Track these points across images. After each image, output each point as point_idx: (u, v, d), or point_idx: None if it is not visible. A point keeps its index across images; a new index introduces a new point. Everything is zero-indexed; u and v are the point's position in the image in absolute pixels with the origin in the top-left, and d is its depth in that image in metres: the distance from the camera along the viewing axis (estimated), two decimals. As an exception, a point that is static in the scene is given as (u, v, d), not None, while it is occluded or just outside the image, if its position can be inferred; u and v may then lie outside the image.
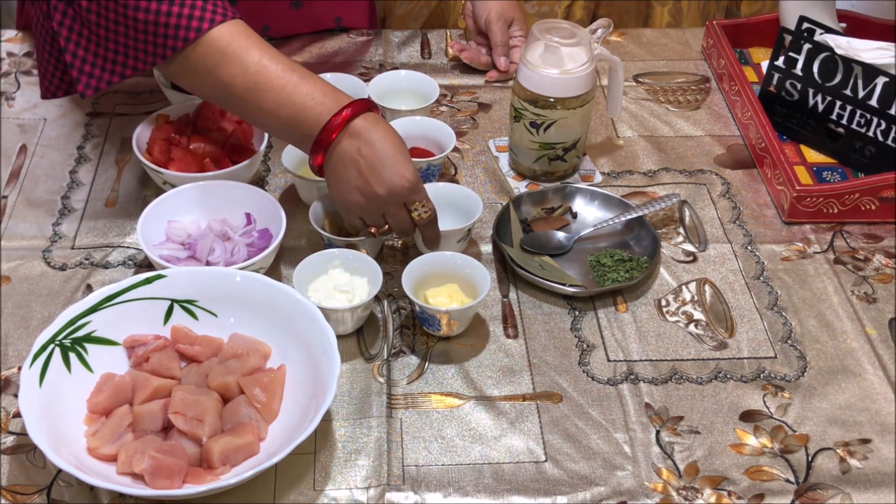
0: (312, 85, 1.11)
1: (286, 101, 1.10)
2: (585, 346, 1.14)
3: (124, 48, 1.12)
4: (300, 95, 1.10)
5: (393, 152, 1.10)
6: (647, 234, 1.26)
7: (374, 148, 1.10)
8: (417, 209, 1.13)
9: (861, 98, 1.33)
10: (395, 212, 1.13)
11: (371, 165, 1.10)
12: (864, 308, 1.20)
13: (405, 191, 1.11)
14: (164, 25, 1.09)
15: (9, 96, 1.50)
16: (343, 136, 1.10)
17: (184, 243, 1.20)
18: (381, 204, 1.12)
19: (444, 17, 1.93)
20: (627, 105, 1.52)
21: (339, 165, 1.11)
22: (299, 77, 1.11)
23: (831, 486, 1.00)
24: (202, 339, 1.08)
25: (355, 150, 1.10)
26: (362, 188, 1.11)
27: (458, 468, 1.01)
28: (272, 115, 1.12)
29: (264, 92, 1.10)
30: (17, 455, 1.01)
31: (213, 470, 0.96)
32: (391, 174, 1.10)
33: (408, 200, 1.12)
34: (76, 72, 1.14)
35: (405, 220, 1.14)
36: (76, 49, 1.13)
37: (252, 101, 1.11)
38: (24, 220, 1.28)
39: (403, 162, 1.11)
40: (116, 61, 1.13)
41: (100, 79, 1.14)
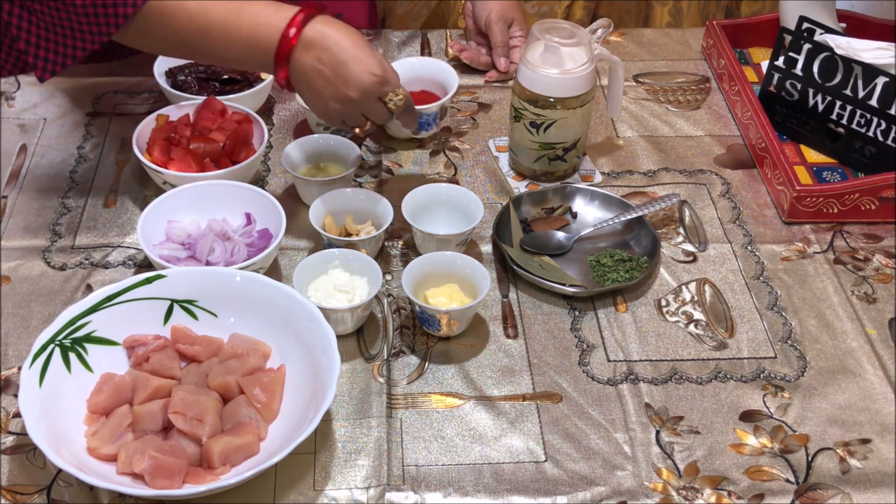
0: (254, 7, 1.11)
1: (234, 33, 1.11)
2: (585, 346, 1.14)
3: (72, 31, 1.13)
4: (246, 23, 1.11)
5: (354, 51, 1.11)
6: (647, 234, 1.26)
7: (332, 52, 1.10)
8: (392, 99, 1.15)
9: (861, 98, 1.33)
10: (371, 108, 1.15)
11: (335, 71, 1.11)
12: (864, 308, 1.20)
13: (376, 85, 1.12)
14: (102, 5, 1.10)
15: (9, 96, 1.50)
16: (299, 50, 1.11)
17: (184, 243, 1.20)
18: (356, 105, 1.14)
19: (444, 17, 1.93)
20: (627, 105, 1.52)
21: (306, 80, 1.13)
22: (239, 4, 1.11)
23: (831, 486, 1.00)
24: (202, 339, 1.08)
25: (316, 60, 1.11)
26: (335, 95, 1.13)
27: (458, 468, 1.01)
28: (227, 50, 1.13)
29: (212, 31, 1.12)
30: (17, 455, 1.01)
31: (213, 470, 0.96)
32: (359, 74, 1.11)
33: (381, 93, 1.14)
34: (31, 58, 1.16)
35: (383, 111, 1.16)
36: (28, 37, 1.14)
37: (205, 44, 1.13)
38: (24, 220, 1.28)
39: (366, 57, 1.11)
40: (67, 44, 1.14)
41: (55, 62, 1.15)
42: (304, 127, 1.44)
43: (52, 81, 1.52)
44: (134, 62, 1.53)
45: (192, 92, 1.41)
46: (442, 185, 1.28)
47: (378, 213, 1.23)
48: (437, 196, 1.26)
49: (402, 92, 1.16)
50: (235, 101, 1.36)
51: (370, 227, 1.22)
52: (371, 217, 1.23)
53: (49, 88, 1.51)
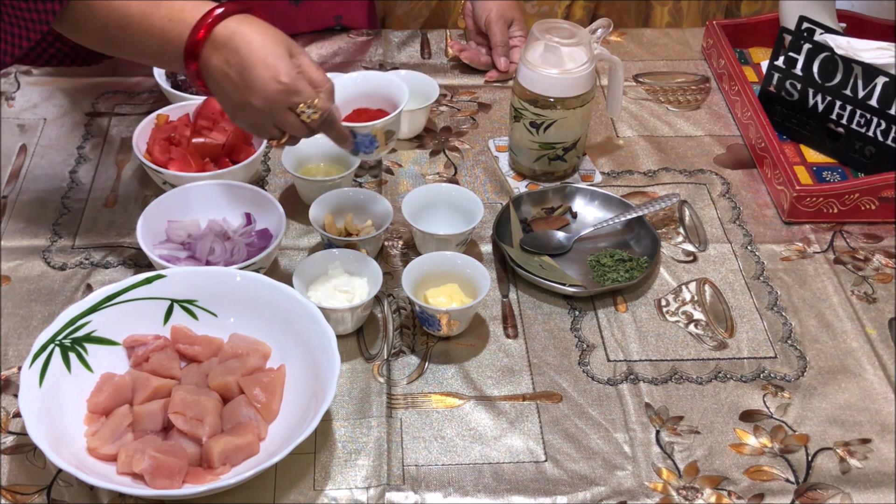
0: (171, 4, 1.03)
1: (148, 27, 1.03)
2: (585, 346, 1.14)
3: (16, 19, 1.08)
4: (159, 18, 1.02)
5: (261, 53, 1.00)
6: (647, 234, 1.26)
7: (240, 55, 1.00)
8: (304, 111, 1.02)
9: (861, 98, 1.33)
10: (282, 119, 1.03)
11: (241, 75, 1.00)
12: (864, 308, 1.20)
13: (282, 94, 1.00)
14: None
15: (9, 96, 1.50)
16: (208, 50, 1.01)
17: (184, 243, 1.20)
18: (264, 115, 1.03)
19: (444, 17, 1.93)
20: (627, 105, 1.52)
21: (215, 82, 1.03)
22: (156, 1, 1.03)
23: (831, 486, 1.00)
24: (202, 339, 1.08)
25: (224, 63, 1.01)
26: (241, 102, 1.02)
27: (458, 468, 1.01)
28: (144, 45, 1.05)
29: (131, 25, 1.04)
30: (17, 455, 1.01)
31: (213, 470, 0.96)
32: (263, 80, 1.00)
33: (289, 104, 1.02)
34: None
35: (296, 124, 1.03)
36: None
37: (125, 39, 1.05)
38: (24, 220, 1.28)
39: (274, 61, 1.00)
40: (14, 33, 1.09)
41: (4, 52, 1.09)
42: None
43: (52, 81, 1.52)
44: (134, 62, 1.52)
45: (192, 92, 1.41)
46: (442, 185, 1.29)
47: (378, 213, 1.23)
48: (437, 196, 1.26)
49: (319, 104, 1.02)
50: (235, 101, 1.36)
51: (370, 227, 1.22)
52: (371, 217, 1.23)
53: (49, 88, 1.51)
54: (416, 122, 1.41)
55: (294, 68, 1.01)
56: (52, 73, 1.54)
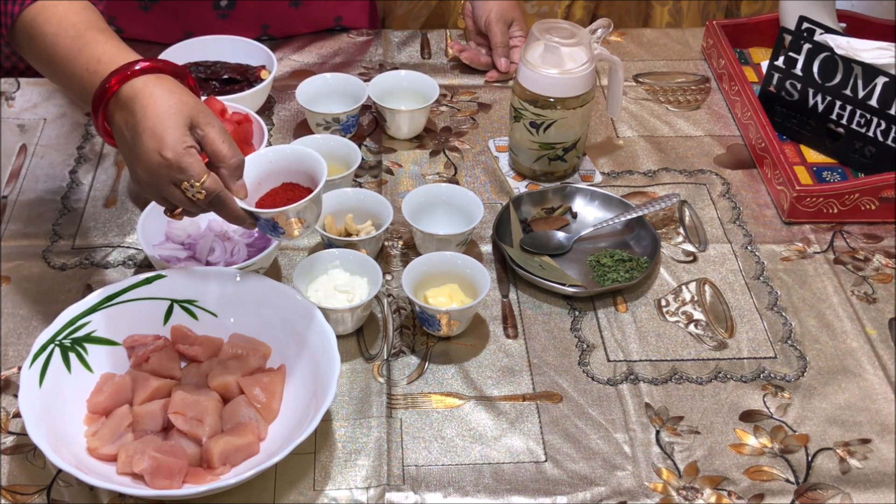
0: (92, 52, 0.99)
1: (69, 74, 1.00)
2: (585, 346, 1.14)
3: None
4: (80, 66, 0.99)
5: (152, 124, 0.95)
6: (647, 234, 1.26)
7: (136, 119, 0.95)
8: (188, 189, 0.96)
9: (861, 98, 1.33)
10: (168, 192, 0.98)
11: (133, 140, 0.96)
12: (864, 308, 1.20)
13: (164, 168, 0.95)
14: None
15: (9, 96, 1.50)
16: (112, 107, 0.98)
17: (184, 243, 1.20)
18: (148, 185, 0.99)
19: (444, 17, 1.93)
20: (627, 105, 1.52)
21: (118, 141, 1.00)
22: (83, 44, 1.00)
23: (831, 486, 1.00)
24: (202, 339, 1.08)
25: (123, 123, 0.97)
26: (130, 167, 0.99)
27: (458, 468, 1.01)
28: (69, 87, 1.03)
29: (57, 65, 1.01)
30: (17, 455, 1.01)
31: (213, 470, 0.96)
32: (147, 151, 0.95)
33: (173, 179, 0.97)
34: None
35: (183, 200, 0.98)
36: None
37: (54, 76, 1.04)
38: (24, 220, 1.28)
39: (162, 134, 0.94)
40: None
41: None
42: (304, 127, 1.44)
43: (51, 81, 1.52)
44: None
45: (192, 92, 1.40)
46: (442, 185, 1.28)
47: (378, 213, 1.23)
48: (437, 196, 1.26)
49: (207, 184, 0.96)
50: (235, 101, 1.36)
51: (370, 227, 1.22)
52: (371, 217, 1.23)
53: (49, 88, 1.51)
54: (416, 123, 1.41)
55: (183, 143, 0.95)
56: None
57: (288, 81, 1.53)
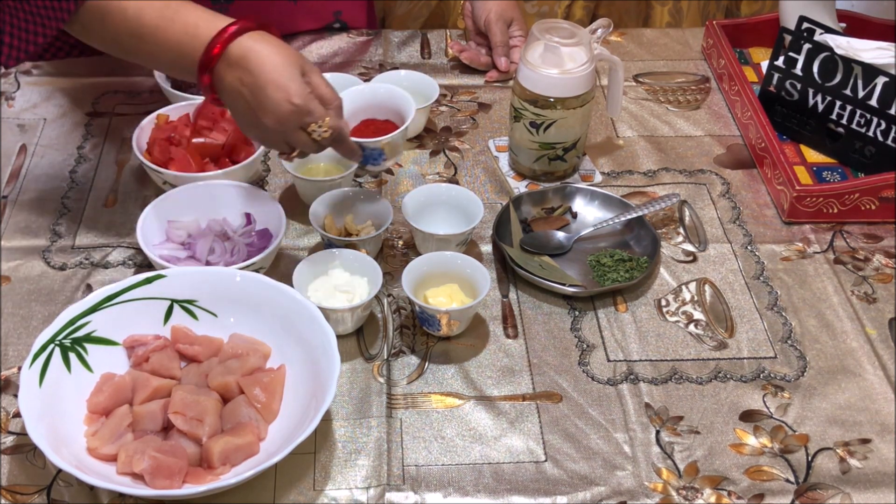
0: (187, 17, 1.06)
1: (163, 39, 1.07)
2: (585, 346, 1.14)
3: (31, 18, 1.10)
4: (175, 33, 1.06)
5: (273, 74, 1.03)
6: (647, 234, 1.26)
7: (254, 75, 1.03)
8: (315, 130, 1.07)
9: (861, 98, 1.33)
10: (294, 137, 1.08)
11: (254, 94, 1.04)
12: (864, 308, 1.20)
13: (294, 115, 1.05)
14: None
15: (9, 96, 1.50)
16: (222, 67, 1.05)
17: (184, 243, 1.20)
18: (276, 133, 1.07)
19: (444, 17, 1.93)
20: (627, 105, 1.52)
21: (228, 99, 1.07)
22: (173, 12, 1.06)
23: (831, 486, 1.00)
24: (202, 339, 1.08)
25: (237, 81, 1.05)
26: (253, 120, 1.07)
27: (458, 468, 1.01)
28: (158, 56, 1.09)
29: (145, 35, 1.07)
30: (17, 455, 1.01)
31: (213, 470, 0.96)
32: (276, 101, 1.04)
33: (301, 124, 1.06)
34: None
35: (307, 141, 1.09)
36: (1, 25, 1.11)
37: (138, 48, 1.09)
38: (24, 220, 1.28)
39: (287, 83, 1.03)
40: (29, 30, 1.11)
41: (19, 49, 1.12)
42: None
43: (52, 81, 1.52)
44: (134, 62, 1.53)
45: (192, 92, 1.41)
46: (442, 185, 1.28)
47: (378, 213, 1.23)
48: (437, 196, 1.26)
49: (330, 123, 1.07)
50: (235, 101, 1.36)
51: (370, 227, 1.22)
52: (371, 217, 1.23)
53: (49, 88, 1.51)
54: (416, 122, 1.41)
55: (305, 88, 1.05)
56: (52, 73, 1.54)
57: (288, 81, 1.52)
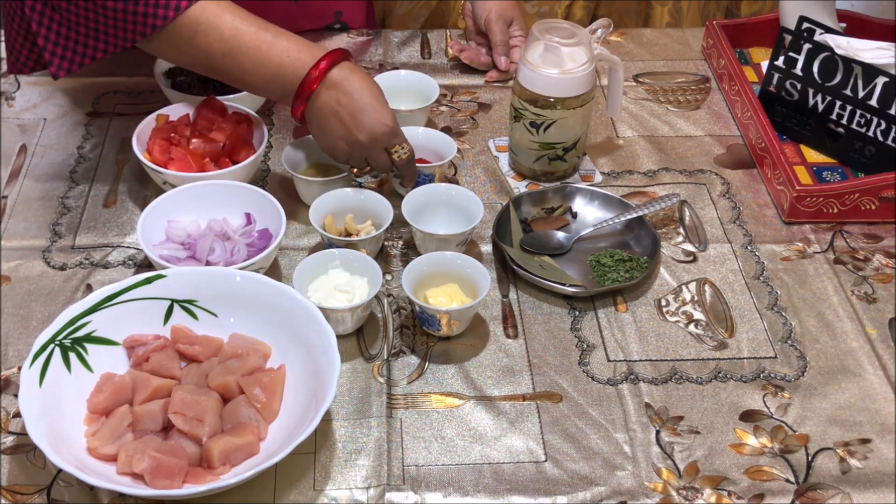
0: (286, 42, 1.18)
1: (263, 60, 1.17)
2: (585, 346, 1.14)
3: (95, 32, 1.15)
4: (276, 54, 1.17)
5: (371, 100, 1.18)
6: (647, 234, 1.26)
7: (352, 98, 1.17)
8: (398, 151, 1.21)
9: (861, 98, 1.33)
10: (376, 155, 1.21)
11: (351, 115, 1.17)
12: (864, 308, 1.20)
13: (385, 136, 1.19)
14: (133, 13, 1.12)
15: (9, 96, 1.50)
16: (322, 89, 1.17)
17: (184, 243, 1.20)
18: (363, 149, 1.20)
19: (444, 17, 1.93)
20: (627, 105, 1.52)
21: (322, 117, 1.19)
22: (273, 35, 1.18)
23: (831, 486, 1.00)
24: (202, 339, 1.08)
25: (335, 102, 1.17)
26: (346, 137, 1.19)
27: (458, 468, 1.01)
28: (252, 75, 1.19)
29: (242, 55, 1.17)
30: (17, 455, 1.01)
31: (213, 470, 0.96)
32: (371, 121, 1.18)
33: (388, 144, 1.20)
34: (48, 55, 1.18)
35: (386, 161, 1.22)
36: (48, 33, 1.17)
37: (231, 65, 1.19)
38: (24, 220, 1.28)
39: (381, 108, 1.18)
40: (88, 45, 1.17)
41: (72, 61, 1.18)
42: (305, 127, 1.44)
43: (52, 81, 1.52)
44: (134, 62, 1.53)
45: (192, 92, 1.41)
46: (442, 185, 1.28)
47: (378, 213, 1.23)
48: (437, 196, 1.26)
49: (408, 146, 1.22)
50: (235, 101, 1.36)
51: (370, 227, 1.22)
52: (371, 217, 1.23)
53: (49, 88, 1.51)
54: (415, 122, 1.41)
55: (394, 116, 1.20)
56: (52, 73, 1.54)
57: (288, 81, 1.53)
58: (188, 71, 1.45)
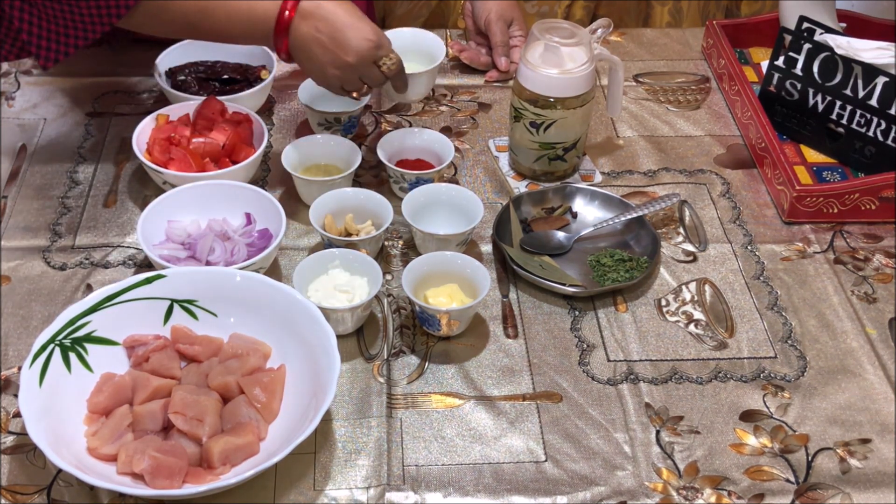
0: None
1: (234, 10, 1.19)
2: (585, 346, 1.14)
3: (73, 22, 1.17)
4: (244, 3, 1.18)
5: (349, 19, 1.18)
6: (647, 234, 1.26)
7: (329, 22, 1.17)
8: (386, 63, 1.22)
9: (861, 98, 1.33)
10: (368, 71, 1.22)
11: (333, 38, 1.18)
12: (864, 308, 1.20)
13: (373, 50, 1.19)
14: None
15: (9, 96, 1.50)
16: (297, 21, 1.18)
17: (184, 243, 1.20)
18: (354, 69, 1.21)
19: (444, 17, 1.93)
20: (627, 105, 1.52)
21: (305, 49, 1.19)
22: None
23: (831, 486, 1.00)
24: (202, 339, 1.08)
25: (314, 30, 1.18)
26: (333, 61, 1.19)
27: (458, 468, 1.01)
28: (229, 27, 1.20)
29: (213, 9, 1.19)
30: (17, 455, 1.01)
31: (213, 470, 0.96)
32: (356, 40, 1.18)
33: (376, 58, 1.21)
34: (34, 48, 1.19)
35: (378, 75, 1.23)
36: (30, 27, 1.18)
37: (207, 23, 1.20)
38: (24, 221, 1.28)
39: (362, 24, 1.18)
40: (69, 34, 1.18)
41: (57, 51, 1.20)
42: (305, 126, 1.44)
43: (52, 81, 1.52)
44: (134, 62, 1.53)
45: (192, 92, 1.41)
46: (442, 185, 1.28)
47: (378, 213, 1.23)
48: (437, 196, 1.26)
49: (395, 56, 1.22)
50: (235, 101, 1.36)
51: (370, 227, 1.22)
52: (371, 217, 1.23)
53: (49, 88, 1.51)
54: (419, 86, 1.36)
55: (374, 26, 1.19)
56: (52, 73, 1.54)
57: (288, 81, 1.53)
58: (188, 71, 1.45)
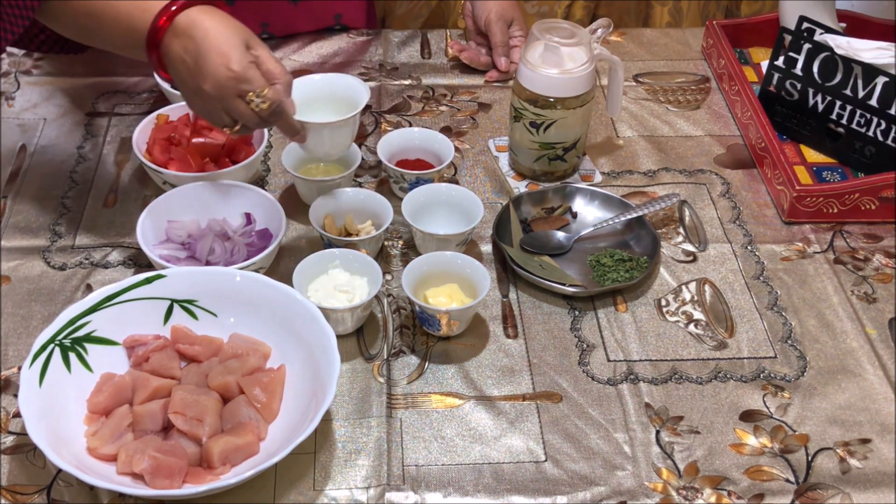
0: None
1: (113, 15, 1.08)
2: (585, 346, 1.14)
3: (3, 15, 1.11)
4: (125, 6, 1.07)
5: (216, 43, 1.05)
6: (647, 234, 1.26)
7: (196, 43, 1.05)
8: (253, 100, 1.07)
9: (861, 98, 1.33)
10: (232, 106, 1.08)
11: (195, 62, 1.06)
12: (864, 308, 1.20)
13: (230, 80, 1.05)
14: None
15: (9, 96, 1.50)
16: (169, 37, 1.06)
17: (184, 243, 1.20)
18: (214, 100, 1.08)
19: (444, 17, 1.93)
20: (627, 105, 1.52)
21: (173, 69, 1.09)
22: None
23: (831, 486, 1.00)
24: (202, 339, 1.08)
25: (182, 50, 1.06)
26: (193, 87, 1.08)
27: (458, 468, 1.01)
28: (111, 34, 1.10)
29: (97, 13, 1.09)
30: (17, 455, 1.01)
31: (213, 470, 0.96)
32: (213, 67, 1.05)
33: (238, 91, 1.07)
34: None
35: (247, 113, 1.08)
36: None
37: (94, 27, 1.10)
38: (24, 221, 1.28)
39: (227, 52, 1.05)
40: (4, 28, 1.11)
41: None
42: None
43: (52, 81, 1.52)
44: (134, 62, 1.53)
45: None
46: (442, 185, 1.28)
47: (378, 213, 1.23)
48: (437, 196, 1.26)
49: (269, 95, 1.07)
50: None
51: (370, 227, 1.22)
52: (371, 217, 1.24)
53: (49, 88, 1.51)
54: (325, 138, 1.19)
55: (247, 57, 1.06)
56: (52, 73, 1.54)
57: (288, 81, 1.52)
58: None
